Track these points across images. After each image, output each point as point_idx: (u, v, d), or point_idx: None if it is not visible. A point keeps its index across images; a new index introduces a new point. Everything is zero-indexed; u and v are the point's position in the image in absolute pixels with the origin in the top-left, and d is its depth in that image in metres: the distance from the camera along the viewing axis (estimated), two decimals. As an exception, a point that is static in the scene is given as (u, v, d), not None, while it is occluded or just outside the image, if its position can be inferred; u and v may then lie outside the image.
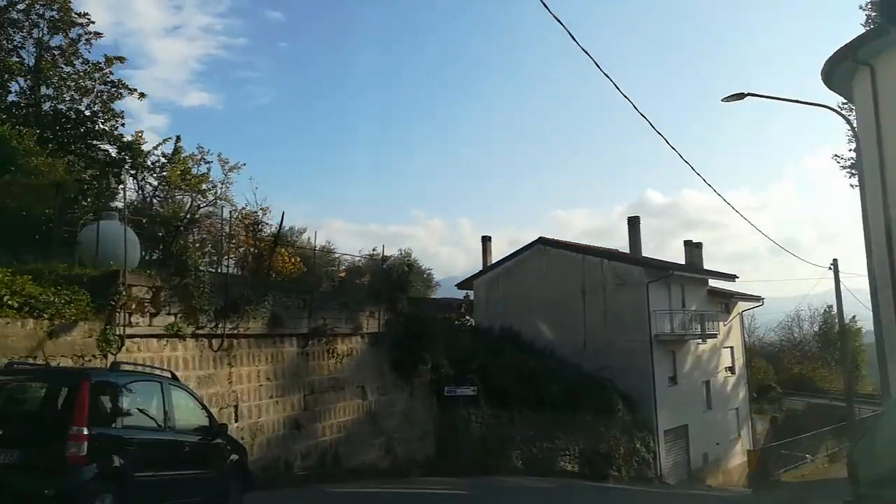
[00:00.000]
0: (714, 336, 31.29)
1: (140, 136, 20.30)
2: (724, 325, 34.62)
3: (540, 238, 32.09)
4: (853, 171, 31.58)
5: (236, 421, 12.90)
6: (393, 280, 18.54)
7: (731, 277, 32.95)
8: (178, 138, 21.17)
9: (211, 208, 17.50)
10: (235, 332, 13.04)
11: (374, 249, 19.15)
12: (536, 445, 22.40)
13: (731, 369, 35.02)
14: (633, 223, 30.40)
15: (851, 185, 32.68)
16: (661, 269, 28.33)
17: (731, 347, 35.30)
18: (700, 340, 32.02)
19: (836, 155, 31.36)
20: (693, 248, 33.84)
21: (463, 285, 35.15)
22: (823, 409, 39.21)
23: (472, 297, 34.08)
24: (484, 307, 33.07)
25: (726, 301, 34.03)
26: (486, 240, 35.31)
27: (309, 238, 22.20)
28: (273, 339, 14.12)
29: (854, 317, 63.20)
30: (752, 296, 34.96)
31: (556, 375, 24.58)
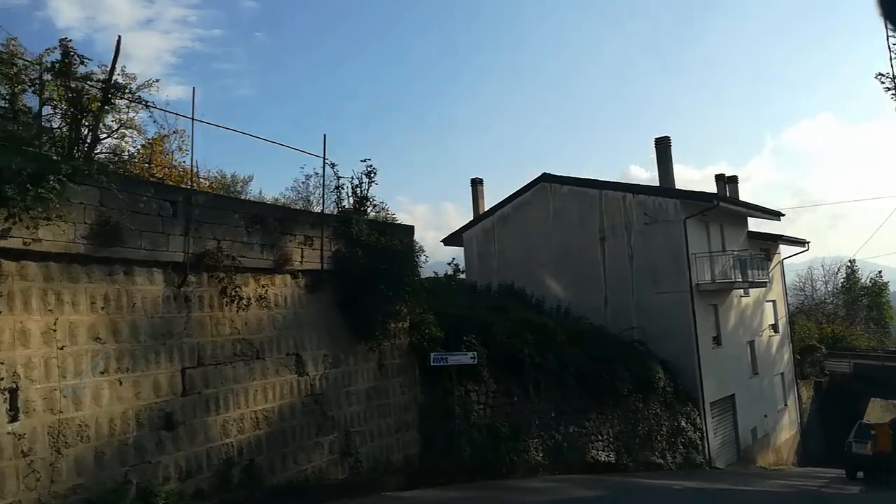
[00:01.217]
0: (763, 284, 25.01)
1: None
2: (767, 274, 28.41)
3: (544, 174, 25.58)
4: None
5: (12, 420, 6.41)
6: (348, 194, 12.01)
7: (777, 215, 26.65)
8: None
9: None
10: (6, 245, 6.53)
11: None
12: (561, 431, 16.05)
13: (775, 327, 28.84)
14: (664, 146, 24.10)
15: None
16: (702, 201, 21.95)
17: (773, 301, 29.10)
18: (743, 292, 25.79)
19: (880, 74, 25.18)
20: (727, 184, 27.45)
21: (450, 242, 28.65)
22: (871, 370, 33.20)
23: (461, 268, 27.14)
24: (477, 266, 26.59)
25: (768, 245, 27.75)
26: (476, 184, 28.73)
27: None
28: (108, 269, 7.57)
29: (880, 272, 57.77)
30: (795, 239, 28.73)
31: (582, 338, 18.22)
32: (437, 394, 13.16)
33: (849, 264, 53.16)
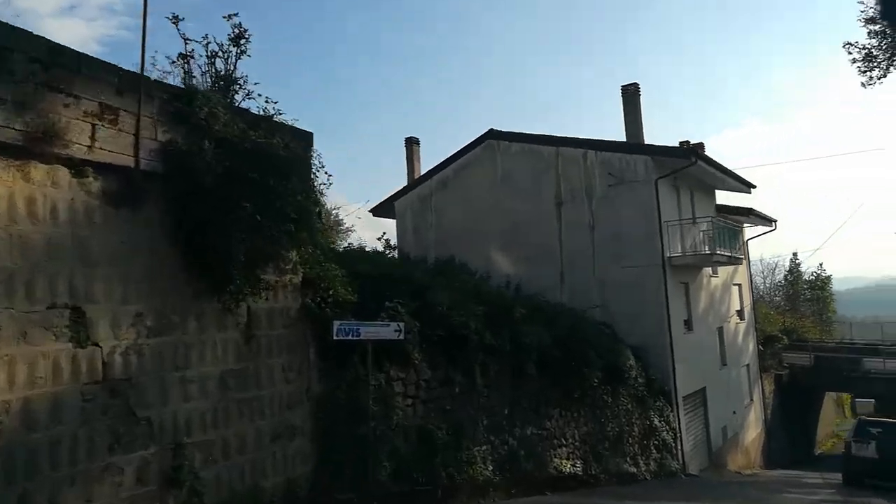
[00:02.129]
0: (739, 261, 21.60)
1: None
2: (740, 251, 25.17)
3: (490, 131, 21.45)
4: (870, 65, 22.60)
5: None
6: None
7: (749, 186, 23.41)
8: None
9: None
10: None
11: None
12: (516, 434, 11.86)
13: (741, 314, 25.64)
14: (631, 95, 20.34)
15: (864, 84, 24.07)
16: (678, 158, 18.25)
17: (739, 285, 25.92)
18: (712, 271, 22.37)
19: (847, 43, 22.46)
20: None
21: (380, 212, 24.22)
22: (831, 362, 30.57)
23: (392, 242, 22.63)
24: (412, 240, 22.19)
25: (738, 222, 24.47)
26: (411, 143, 24.39)
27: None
28: None
29: (821, 264, 56.50)
30: (764, 216, 25.60)
31: (544, 315, 14.12)
32: (344, 383, 8.74)
33: (792, 257, 51.51)
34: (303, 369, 8.23)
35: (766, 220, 25.99)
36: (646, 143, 19.90)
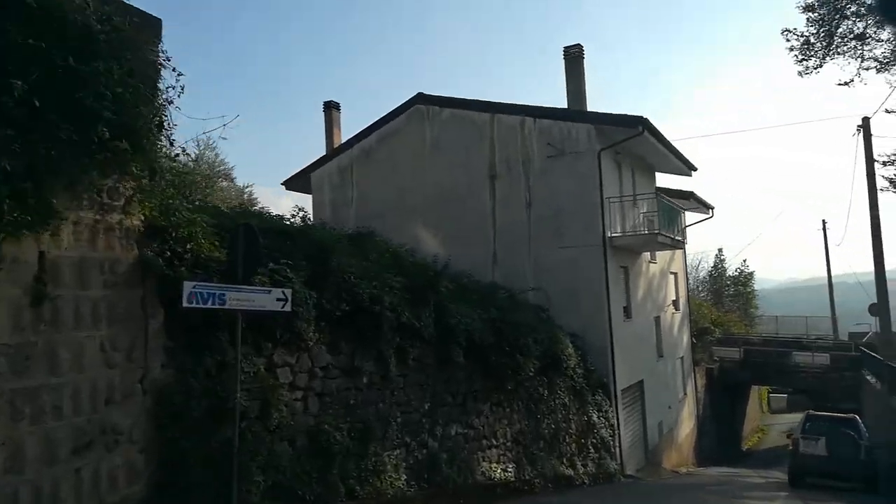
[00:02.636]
0: (681, 245, 20.22)
1: None
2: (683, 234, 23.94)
3: (419, 95, 19.22)
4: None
5: None
6: None
7: (690, 168, 22.14)
8: None
9: None
10: None
11: None
12: (437, 434, 9.72)
13: (676, 304, 24.46)
14: (574, 59, 18.48)
15: (800, 73, 23.49)
16: (624, 127, 16.53)
17: (676, 274, 24.74)
18: (650, 256, 20.95)
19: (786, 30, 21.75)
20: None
21: (294, 185, 21.59)
22: (760, 356, 30.04)
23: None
24: (329, 215, 19.53)
25: (678, 207, 23.18)
26: (330, 108, 21.84)
27: None
28: None
29: (745, 261, 57.27)
30: (702, 201, 24.48)
31: (475, 295, 12.06)
32: (202, 369, 6.36)
33: (717, 253, 51.74)
34: (136, 348, 5.77)
35: (705, 207, 24.91)
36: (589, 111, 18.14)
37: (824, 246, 41.53)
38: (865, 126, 20.48)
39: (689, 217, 25.51)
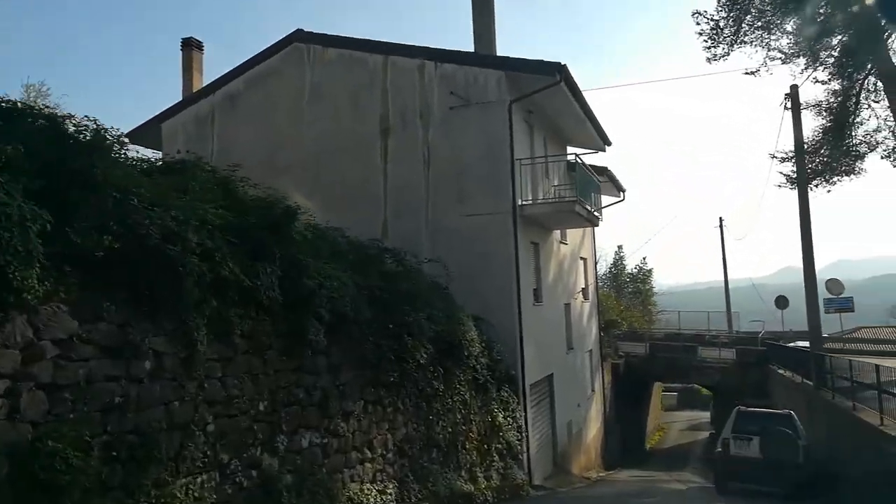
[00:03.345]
0: (597, 222, 17.95)
1: None
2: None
3: (298, 31, 15.89)
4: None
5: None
6: None
7: (605, 141, 20.04)
8: None
9: None
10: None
11: None
12: (279, 448, 6.55)
13: (586, 293, 22.39)
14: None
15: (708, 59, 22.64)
16: (540, 75, 13.94)
17: (585, 260, 22.68)
18: (560, 236, 18.64)
19: (696, 12, 20.54)
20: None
21: (141, 138, 17.53)
22: (667, 351, 28.72)
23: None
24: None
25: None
26: (190, 47, 17.96)
27: None
28: None
29: (644, 258, 57.26)
30: (616, 182, 22.56)
31: (350, 258, 8.98)
32: None
33: (617, 250, 51.19)
34: None
35: (617, 189, 23.06)
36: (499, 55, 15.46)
37: (720, 242, 41.54)
38: (794, 95, 19.08)
39: (603, 199, 23.56)
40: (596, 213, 16.85)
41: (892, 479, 9.23)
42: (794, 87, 18.30)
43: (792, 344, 23.24)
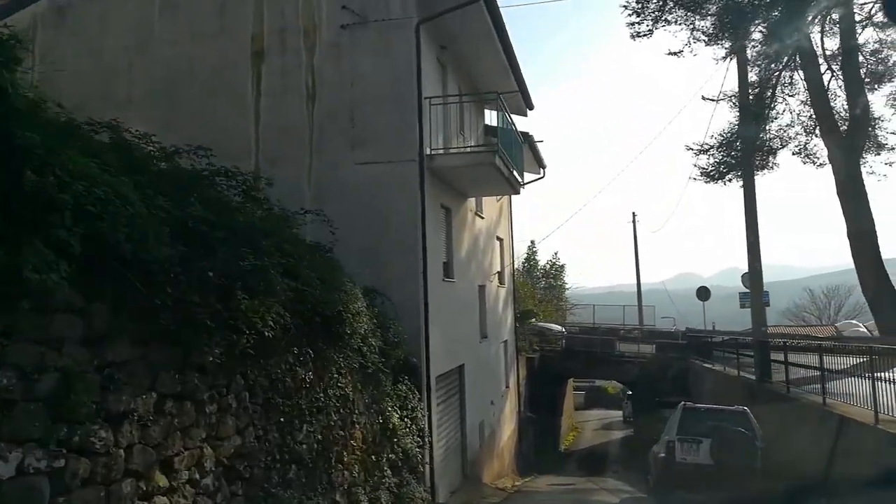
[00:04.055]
0: (517, 190, 15.29)
1: None
2: (496, 200, 19.33)
3: (152, -75, 12.43)
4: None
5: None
6: None
7: (528, 104, 17.61)
8: None
9: None
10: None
11: None
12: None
13: (501, 277, 19.87)
14: None
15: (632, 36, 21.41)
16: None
17: (502, 241, 20.17)
18: (476, 206, 16.00)
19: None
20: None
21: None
22: (586, 344, 26.79)
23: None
24: None
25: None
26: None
27: None
28: None
29: (556, 253, 56.03)
30: (537, 155, 20.17)
31: (145, 170, 5.80)
32: None
33: (529, 245, 49.55)
34: None
35: (538, 164, 20.71)
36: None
37: (633, 235, 40.63)
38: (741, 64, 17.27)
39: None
40: (519, 180, 14.23)
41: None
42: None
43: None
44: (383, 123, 11.15)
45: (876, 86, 23.94)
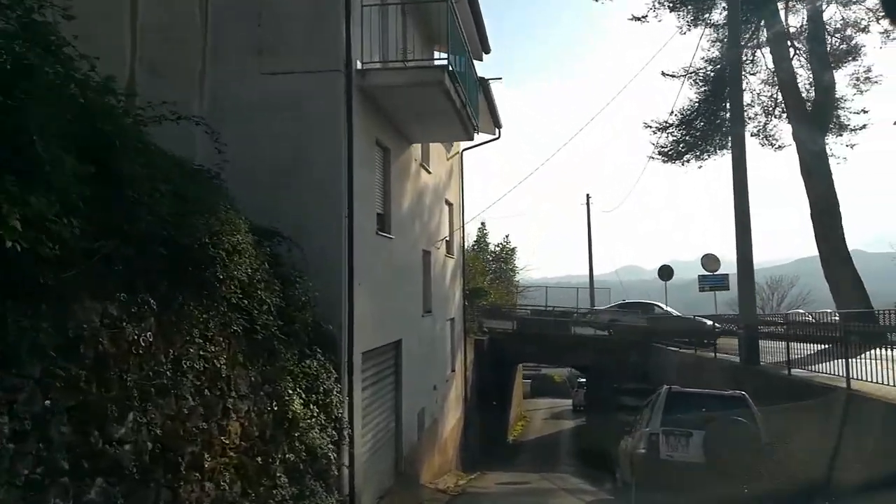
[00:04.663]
0: (471, 132, 12.83)
1: None
2: (447, 158, 16.95)
3: None
4: None
5: None
6: None
7: (485, 44, 15.20)
8: None
9: None
10: None
11: None
12: None
13: (450, 247, 17.49)
14: None
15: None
16: None
17: (452, 206, 17.76)
18: (422, 156, 13.53)
19: None
20: None
21: None
22: (539, 327, 24.73)
23: None
24: None
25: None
26: None
27: None
28: None
29: (507, 235, 54.10)
30: (493, 114, 17.80)
31: None
32: None
33: (481, 227, 47.45)
34: None
35: (494, 122, 18.34)
36: None
37: (587, 215, 39.02)
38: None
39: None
40: (472, 119, 11.79)
41: None
42: None
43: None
44: (300, 23, 8.56)
45: (839, 65, 22.81)
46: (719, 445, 8.29)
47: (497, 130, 18.87)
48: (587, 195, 39.53)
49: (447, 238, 16.65)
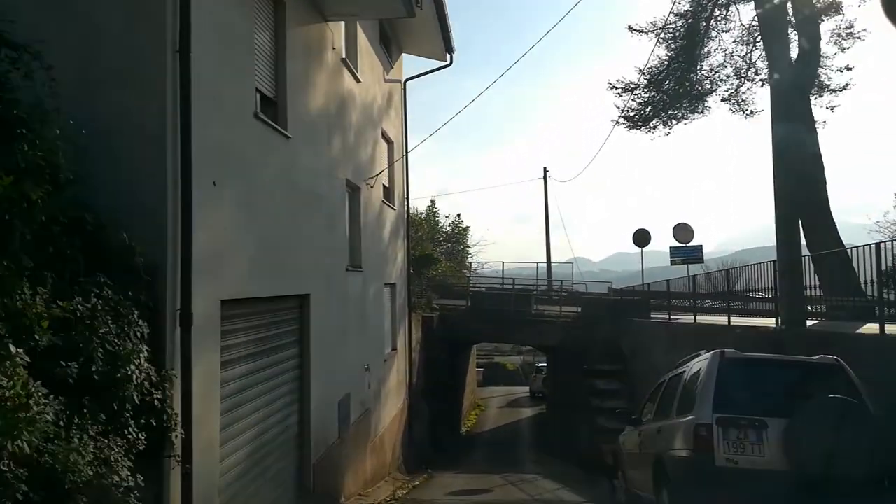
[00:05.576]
0: (411, 8, 9.17)
1: None
2: (384, 79, 13.25)
3: None
4: None
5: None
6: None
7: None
8: None
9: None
10: None
11: None
12: None
13: (390, 196, 13.80)
14: None
15: None
16: None
17: (389, 145, 14.04)
18: (345, 58, 9.81)
19: None
20: None
21: None
22: (497, 302, 21.23)
23: None
24: None
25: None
26: None
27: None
28: None
29: (459, 214, 50.88)
30: (444, 34, 14.18)
31: None
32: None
33: (430, 205, 43.85)
34: None
35: (445, 45, 14.71)
36: None
37: (544, 190, 35.89)
38: None
39: (421, 63, 15.09)
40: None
41: None
42: None
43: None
44: None
45: (820, 18, 20.20)
46: (818, 441, 4.95)
47: (448, 56, 15.31)
48: (545, 168, 36.48)
49: (383, 173, 12.92)
